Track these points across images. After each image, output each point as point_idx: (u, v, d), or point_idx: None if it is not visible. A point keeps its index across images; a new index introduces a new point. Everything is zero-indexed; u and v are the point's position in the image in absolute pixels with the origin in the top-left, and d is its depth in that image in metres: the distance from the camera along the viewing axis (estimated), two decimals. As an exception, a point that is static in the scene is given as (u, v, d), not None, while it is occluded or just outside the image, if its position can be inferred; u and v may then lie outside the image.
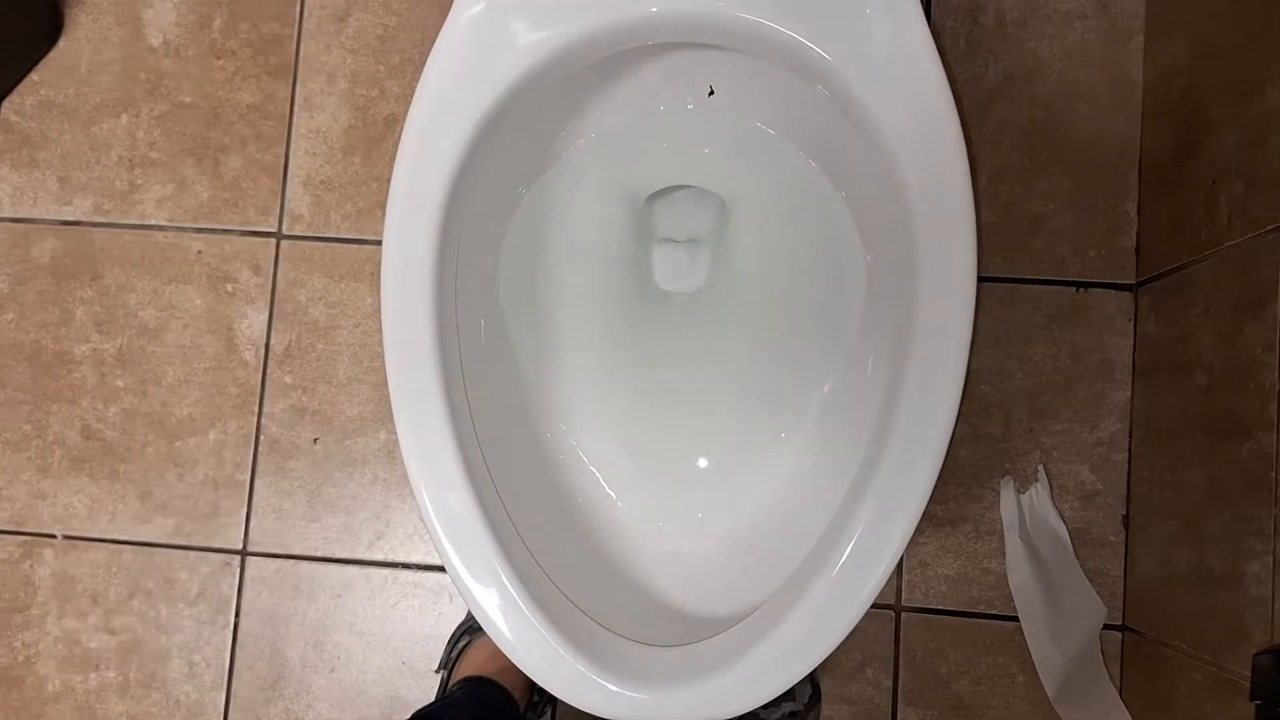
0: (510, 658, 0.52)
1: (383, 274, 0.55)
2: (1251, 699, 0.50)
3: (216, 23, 0.88)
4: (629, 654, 0.54)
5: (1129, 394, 0.78)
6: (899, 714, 0.78)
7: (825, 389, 0.66)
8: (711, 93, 0.66)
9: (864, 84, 0.52)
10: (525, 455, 0.65)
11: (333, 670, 0.82)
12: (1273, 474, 0.58)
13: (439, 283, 0.54)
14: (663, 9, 0.51)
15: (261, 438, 0.84)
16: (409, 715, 0.63)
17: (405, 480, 0.72)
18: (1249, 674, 0.54)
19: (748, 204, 0.69)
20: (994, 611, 0.78)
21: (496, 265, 0.67)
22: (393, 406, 0.54)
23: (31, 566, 0.85)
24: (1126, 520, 0.78)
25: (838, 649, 0.79)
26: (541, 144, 0.67)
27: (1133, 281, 0.79)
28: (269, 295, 0.85)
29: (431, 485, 0.53)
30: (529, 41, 0.54)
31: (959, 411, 0.78)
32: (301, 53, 0.87)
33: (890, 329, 0.56)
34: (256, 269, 0.86)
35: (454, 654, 0.77)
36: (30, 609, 0.84)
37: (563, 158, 0.67)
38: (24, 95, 0.88)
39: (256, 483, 0.84)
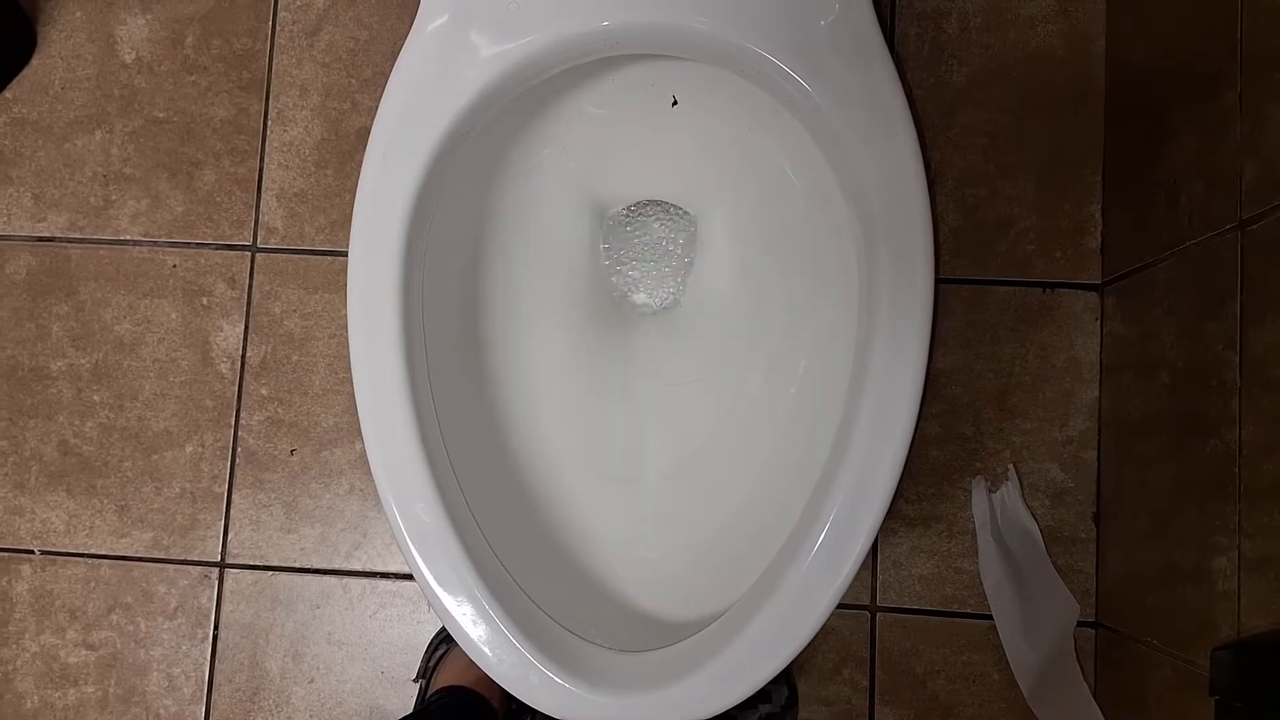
0: (479, 665, 0.52)
1: (349, 287, 0.55)
2: (1211, 694, 0.50)
3: (189, 38, 0.88)
4: (600, 659, 0.54)
5: (1097, 393, 0.79)
6: (876, 714, 0.79)
7: (792, 392, 0.66)
8: (675, 102, 0.66)
9: (821, 91, 0.53)
10: (494, 463, 0.66)
11: (312, 681, 0.82)
12: (1236, 470, 0.58)
13: (405, 295, 0.55)
14: (614, 22, 0.52)
15: (238, 450, 0.84)
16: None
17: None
18: (1213, 669, 0.54)
19: (715, 212, 0.70)
20: (968, 610, 0.79)
21: (463, 278, 0.67)
22: (360, 418, 0.54)
23: (9, 582, 0.85)
24: (1097, 518, 0.78)
25: (814, 650, 0.80)
26: (507, 157, 0.67)
27: (1098, 281, 0.80)
28: (244, 308, 0.85)
29: (399, 495, 0.53)
30: (491, 54, 0.55)
31: (930, 412, 0.80)
32: (274, 67, 0.87)
33: (854, 331, 0.57)
34: (231, 282, 0.86)
35: (432, 663, 0.77)
36: (8, 625, 0.84)
37: (529, 170, 0.68)
38: (-3, 113, 0.89)
39: (234, 495, 0.84)
